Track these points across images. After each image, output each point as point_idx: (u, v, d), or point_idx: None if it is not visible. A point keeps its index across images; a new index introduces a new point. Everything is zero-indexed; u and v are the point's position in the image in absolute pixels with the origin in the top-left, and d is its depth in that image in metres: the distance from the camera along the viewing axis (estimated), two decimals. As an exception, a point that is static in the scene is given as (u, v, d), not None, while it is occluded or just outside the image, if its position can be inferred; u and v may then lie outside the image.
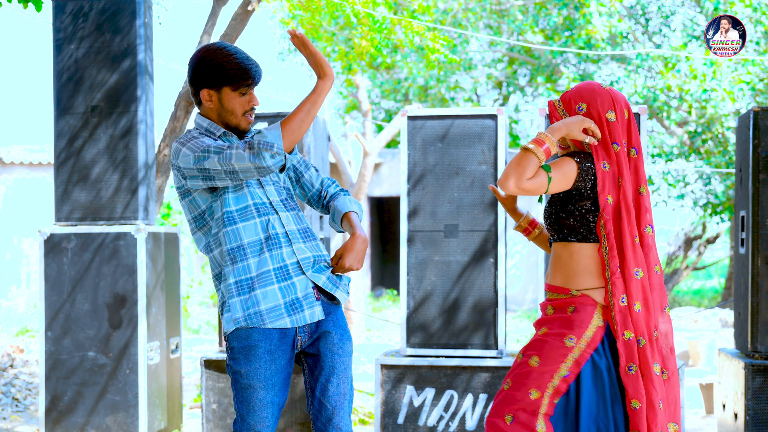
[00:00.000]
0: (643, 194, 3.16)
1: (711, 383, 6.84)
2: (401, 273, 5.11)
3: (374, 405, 5.11)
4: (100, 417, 5.12)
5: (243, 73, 3.09)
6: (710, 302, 17.78)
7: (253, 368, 3.07)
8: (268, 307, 3.06)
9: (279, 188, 3.18)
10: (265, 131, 2.98)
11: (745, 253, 5.03)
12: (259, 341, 3.07)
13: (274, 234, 3.09)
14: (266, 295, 3.07)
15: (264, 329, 3.07)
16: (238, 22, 6.31)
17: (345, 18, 8.12)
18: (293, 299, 3.08)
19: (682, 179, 15.51)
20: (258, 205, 3.10)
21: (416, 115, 5.15)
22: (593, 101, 3.18)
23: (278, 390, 3.10)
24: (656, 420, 3.07)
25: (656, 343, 3.13)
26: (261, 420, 3.08)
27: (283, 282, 3.08)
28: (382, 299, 16.90)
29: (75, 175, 5.23)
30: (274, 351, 3.08)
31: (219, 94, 3.11)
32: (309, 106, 3.01)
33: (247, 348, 3.09)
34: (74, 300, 5.16)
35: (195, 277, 13.91)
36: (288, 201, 3.18)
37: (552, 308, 3.22)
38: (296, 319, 3.09)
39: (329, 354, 3.14)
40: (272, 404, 3.09)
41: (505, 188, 3.05)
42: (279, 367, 3.09)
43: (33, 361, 8.38)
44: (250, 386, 3.08)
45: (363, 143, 12.00)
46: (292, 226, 3.13)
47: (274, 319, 3.07)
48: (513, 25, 15.14)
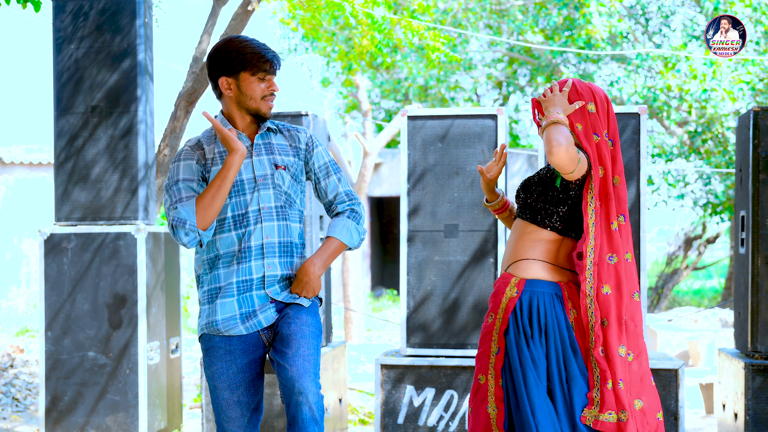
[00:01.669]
0: (616, 185, 3.23)
1: (711, 383, 6.84)
2: (401, 273, 5.11)
3: (374, 405, 5.11)
4: (100, 417, 5.12)
5: (259, 57, 3.09)
6: (710, 302, 17.78)
7: (215, 369, 3.13)
8: (224, 317, 3.10)
9: (278, 193, 3.14)
10: (180, 207, 3.01)
11: (745, 253, 5.03)
12: (220, 342, 3.12)
13: (246, 247, 3.09)
14: (224, 306, 3.10)
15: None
16: (238, 22, 6.31)
17: (345, 18, 8.12)
18: (249, 311, 3.11)
19: (682, 179, 15.50)
20: (237, 217, 3.09)
21: (416, 115, 5.15)
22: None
23: (244, 390, 3.12)
24: (620, 399, 3.11)
25: (625, 326, 3.18)
26: (229, 420, 3.12)
27: (242, 294, 3.10)
28: (382, 299, 16.90)
29: (75, 175, 5.23)
30: (234, 351, 3.11)
31: (237, 81, 3.10)
32: (219, 182, 3.01)
33: (208, 350, 3.15)
34: (74, 300, 5.16)
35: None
36: (283, 208, 3.14)
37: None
38: (250, 326, 3.11)
39: (285, 324, 3.09)
40: (239, 404, 3.12)
41: (559, 153, 3.03)
42: (240, 366, 3.11)
43: (33, 361, 8.38)
44: (215, 387, 3.13)
45: (363, 143, 12.00)
46: (273, 239, 3.12)
47: (229, 328, 3.11)
48: (513, 25, 15.14)
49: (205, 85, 6.11)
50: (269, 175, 3.13)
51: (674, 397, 4.75)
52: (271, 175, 3.13)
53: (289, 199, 3.17)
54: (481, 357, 3.25)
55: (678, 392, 4.75)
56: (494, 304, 3.26)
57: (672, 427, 4.75)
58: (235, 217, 3.09)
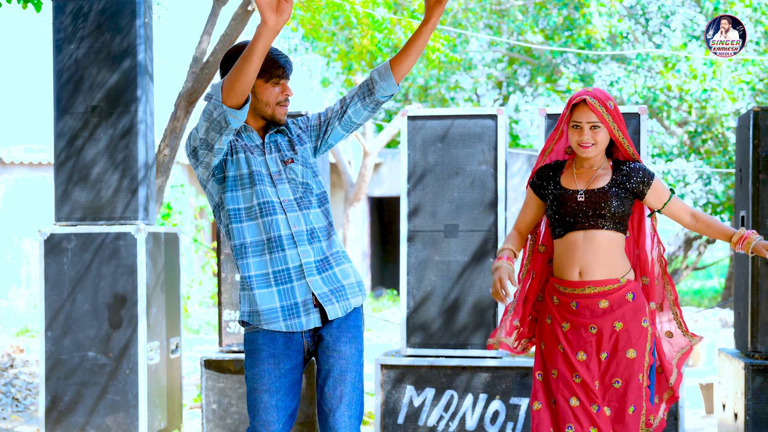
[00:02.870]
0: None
1: (711, 383, 6.83)
2: (401, 273, 5.11)
3: (374, 405, 5.11)
4: (100, 417, 5.12)
5: (273, 63, 3.08)
6: (710, 302, 17.78)
7: (257, 371, 3.08)
8: (264, 309, 3.06)
9: (295, 186, 3.13)
10: (211, 85, 2.96)
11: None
12: (263, 344, 3.08)
13: (277, 236, 3.06)
14: (263, 297, 3.06)
15: (268, 332, 3.08)
16: (238, 22, 6.30)
17: (345, 18, 8.12)
18: (291, 304, 3.07)
19: (682, 179, 15.50)
20: (263, 204, 3.07)
21: (416, 115, 5.15)
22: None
23: (284, 394, 3.07)
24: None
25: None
26: (265, 423, 3.07)
27: (282, 285, 3.06)
28: (382, 299, 16.89)
29: (75, 175, 5.23)
30: (278, 355, 3.07)
31: (252, 88, 3.06)
32: (247, 54, 2.83)
33: (252, 351, 3.10)
34: (74, 300, 5.16)
35: (195, 277, 13.90)
36: (302, 199, 3.13)
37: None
38: (291, 325, 3.07)
39: (324, 357, 3.10)
40: (277, 408, 3.07)
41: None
42: (284, 371, 3.07)
43: (33, 361, 8.38)
44: (255, 389, 3.08)
45: (363, 143, 12.00)
46: (301, 227, 3.09)
47: (270, 321, 3.07)
48: (513, 25, 15.14)
49: (206, 85, 6.11)
50: (282, 171, 3.13)
51: (674, 397, 4.75)
52: (283, 171, 3.13)
53: (308, 188, 3.16)
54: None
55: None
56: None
57: (672, 427, 4.75)
58: (261, 204, 3.08)
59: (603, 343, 3.38)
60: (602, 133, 3.40)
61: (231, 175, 3.09)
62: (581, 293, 3.40)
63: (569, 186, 3.46)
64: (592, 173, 3.46)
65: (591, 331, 3.39)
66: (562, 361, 3.40)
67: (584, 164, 3.48)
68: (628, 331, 3.38)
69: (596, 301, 3.39)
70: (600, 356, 3.39)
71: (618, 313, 3.38)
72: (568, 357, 3.39)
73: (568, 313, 3.43)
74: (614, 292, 3.39)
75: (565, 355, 3.40)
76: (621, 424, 3.37)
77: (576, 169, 3.49)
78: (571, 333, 3.41)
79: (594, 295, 3.39)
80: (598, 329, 3.38)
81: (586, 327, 3.39)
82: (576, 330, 3.41)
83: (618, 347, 3.38)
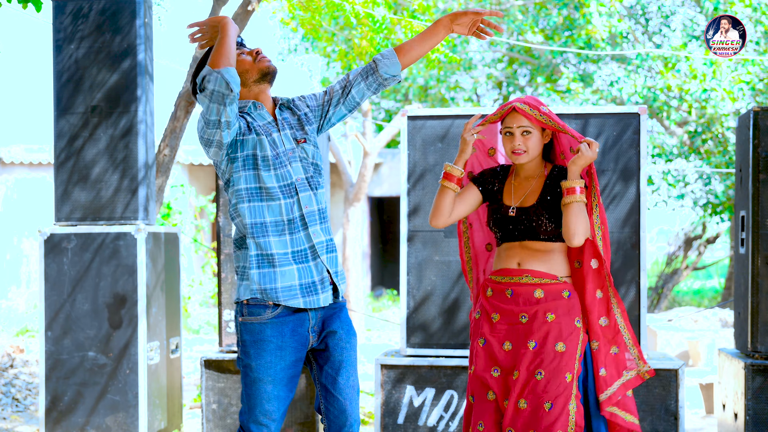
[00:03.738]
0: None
1: (711, 383, 6.84)
2: (401, 273, 5.11)
3: (374, 405, 5.11)
4: (100, 417, 5.12)
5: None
6: (710, 302, 17.78)
7: (264, 362, 3.15)
8: (284, 286, 3.14)
9: (306, 164, 3.23)
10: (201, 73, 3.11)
11: (745, 253, 5.03)
12: (272, 337, 3.15)
13: (294, 217, 3.16)
14: (284, 274, 3.14)
15: (276, 323, 3.14)
16: (238, 22, 6.30)
17: (345, 18, 8.11)
18: (310, 282, 3.18)
19: (682, 179, 15.50)
20: (283, 187, 3.16)
21: (416, 115, 5.15)
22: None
23: (284, 385, 3.18)
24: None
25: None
26: (267, 413, 3.16)
27: (300, 264, 3.17)
28: (382, 299, 16.89)
29: (75, 175, 5.23)
30: (285, 347, 3.16)
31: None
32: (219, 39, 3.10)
33: (258, 342, 3.16)
34: (74, 300, 5.16)
35: (195, 277, 13.90)
36: (312, 178, 3.23)
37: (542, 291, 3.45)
38: (309, 301, 3.17)
39: (338, 348, 3.24)
40: (278, 398, 3.17)
41: (580, 242, 3.41)
42: (288, 363, 3.17)
43: (33, 361, 8.38)
44: (260, 380, 3.16)
45: (363, 143, 12.00)
46: (312, 207, 3.20)
47: (288, 298, 3.15)
48: (513, 25, 15.14)
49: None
50: (295, 149, 3.23)
51: (674, 397, 4.75)
52: (296, 149, 3.23)
53: (317, 168, 3.27)
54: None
55: (678, 392, 4.75)
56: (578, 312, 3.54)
57: (672, 427, 4.75)
58: (282, 187, 3.16)
59: (533, 332, 3.40)
60: (533, 139, 3.44)
61: (246, 154, 3.16)
62: (518, 281, 3.45)
63: (506, 200, 3.52)
64: (528, 186, 3.51)
65: (522, 320, 3.42)
66: (483, 357, 3.47)
67: (521, 173, 3.54)
68: (560, 324, 3.39)
69: (532, 290, 3.43)
70: (528, 345, 3.40)
71: (552, 304, 3.41)
72: (492, 350, 3.45)
73: (501, 302, 3.47)
74: (551, 286, 3.43)
75: (487, 348, 3.46)
76: (535, 418, 3.34)
77: (514, 180, 3.55)
78: (500, 323, 3.46)
79: (530, 284, 3.43)
80: (530, 318, 3.41)
81: (517, 315, 3.42)
82: (506, 319, 3.45)
83: (548, 339, 3.39)
